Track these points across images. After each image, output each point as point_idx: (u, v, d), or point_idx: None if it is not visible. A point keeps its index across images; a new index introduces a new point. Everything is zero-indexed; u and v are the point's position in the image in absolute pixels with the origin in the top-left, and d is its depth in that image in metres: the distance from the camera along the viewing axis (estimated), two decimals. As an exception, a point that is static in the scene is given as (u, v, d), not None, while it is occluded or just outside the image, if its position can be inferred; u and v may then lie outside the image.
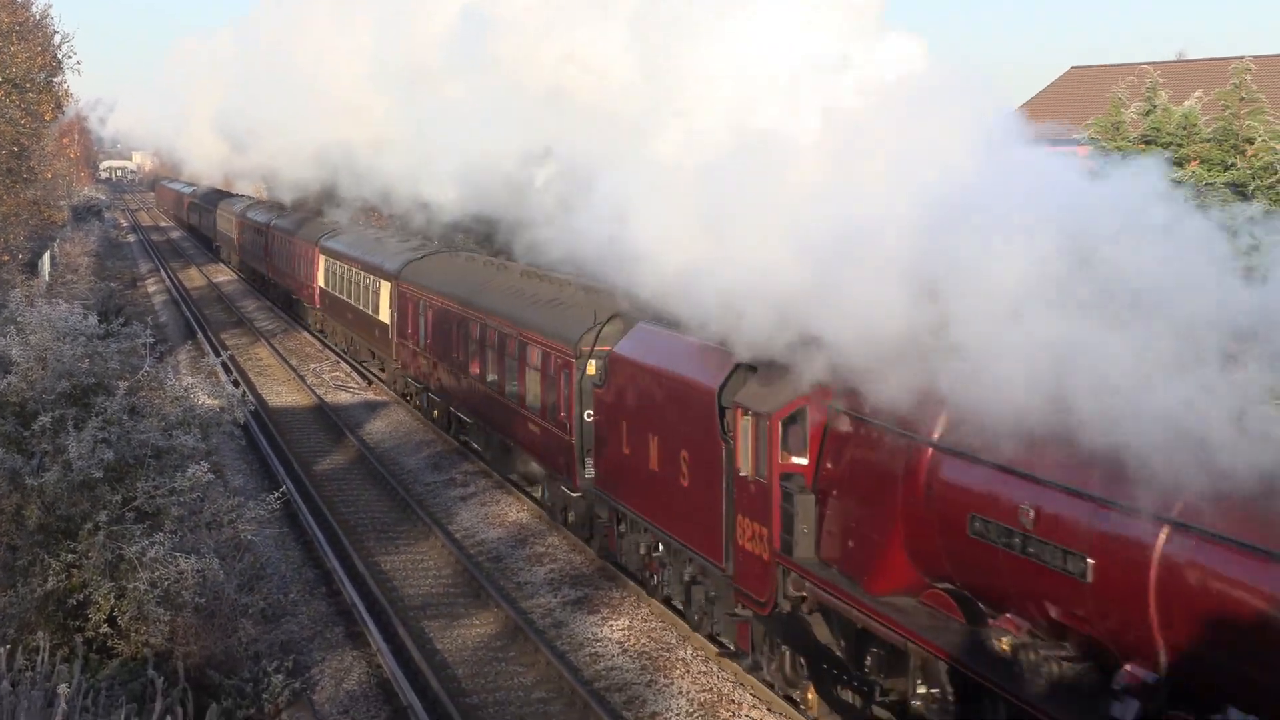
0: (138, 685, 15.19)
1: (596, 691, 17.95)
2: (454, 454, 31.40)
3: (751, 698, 17.66)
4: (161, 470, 17.10)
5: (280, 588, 21.40)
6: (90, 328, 19.00)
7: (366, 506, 27.75)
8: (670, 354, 19.19)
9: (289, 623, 19.72)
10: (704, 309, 16.60)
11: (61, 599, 16.12)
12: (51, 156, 55.52)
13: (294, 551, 24.36)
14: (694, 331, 17.87)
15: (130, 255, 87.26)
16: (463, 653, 19.66)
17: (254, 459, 31.57)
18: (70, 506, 16.55)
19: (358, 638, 20.01)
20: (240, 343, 49.75)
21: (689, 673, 18.54)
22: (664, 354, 19.39)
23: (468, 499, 27.79)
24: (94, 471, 16.28)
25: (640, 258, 17.29)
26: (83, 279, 53.58)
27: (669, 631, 19.98)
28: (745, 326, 15.73)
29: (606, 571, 22.50)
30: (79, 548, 16.24)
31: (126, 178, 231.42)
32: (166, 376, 18.88)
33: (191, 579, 16.06)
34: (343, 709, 17.55)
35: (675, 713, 17.35)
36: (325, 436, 34.46)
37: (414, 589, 22.51)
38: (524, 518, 26.15)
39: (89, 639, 15.96)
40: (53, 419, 16.79)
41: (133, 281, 69.52)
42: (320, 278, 48.29)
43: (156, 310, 57.96)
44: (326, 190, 55.96)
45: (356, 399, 39.21)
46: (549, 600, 21.68)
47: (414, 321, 34.77)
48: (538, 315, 25.89)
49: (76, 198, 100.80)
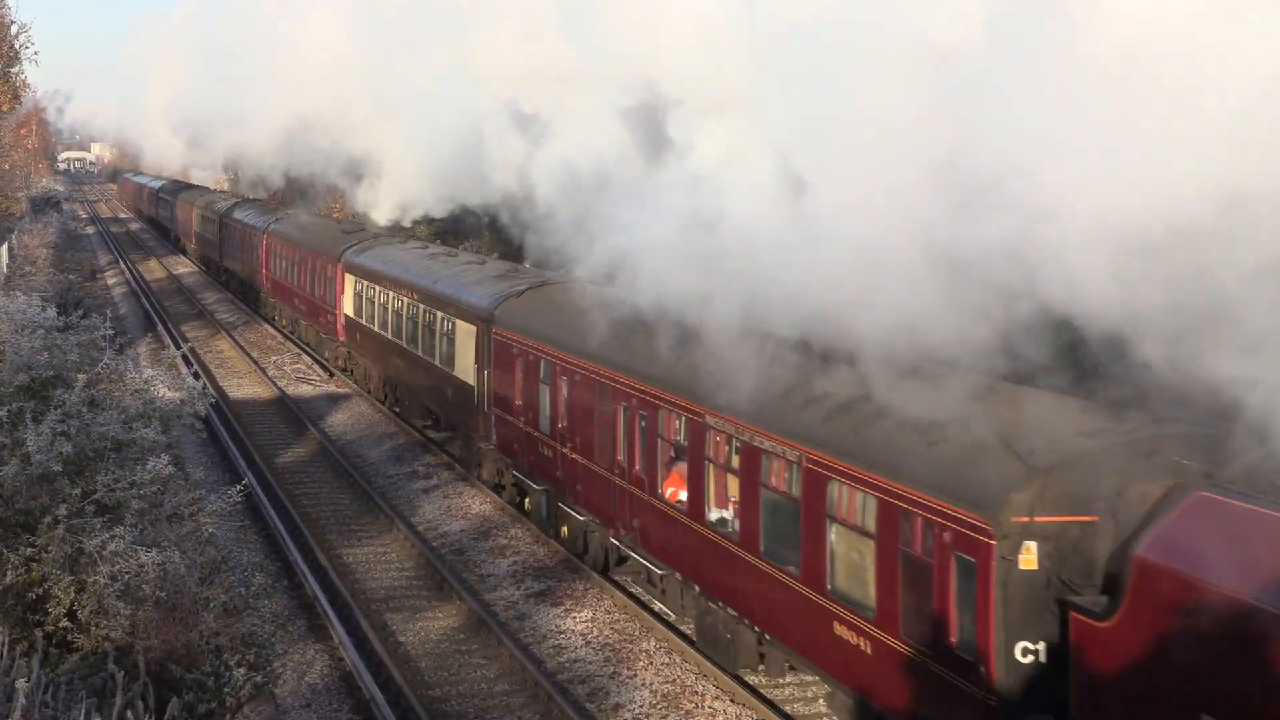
0: (98, 680, 15.09)
1: (560, 683, 17.97)
2: (416, 446, 31.33)
3: (714, 689, 17.72)
4: (122, 463, 16.98)
5: (242, 581, 21.30)
6: (49, 320, 18.89)
7: (329, 499, 27.66)
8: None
9: (251, 616, 19.65)
10: None
11: (20, 593, 15.99)
12: (9, 147, 55.07)
13: (256, 544, 24.26)
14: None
15: (89, 247, 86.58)
16: (425, 645, 19.64)
17: (215, 452, 31.42)
18: (29, 500, 16.42)
19: (320, 631, 19.96)
20: (201, 335, 49.49)
21: (652, 664, 18.59)
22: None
23: (430, 491, 27.74)
24: (53, 465, 16.15)
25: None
26: (41, 271, 53.14)
27: (632, 623, 20.02)
28: None
29: (569, 564, 22.51)
30: (38, 541, 16.12)
31: (85, 169, 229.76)
32: (126, 369, 18.76)
33: (152, 572, 15.95)
34: (305, 702, 17.51)
35: (638, 704, 17.38)
36: (287, 429, 34.32)
37: (376, 582, 22.46)
38: (486, 510, 26.12)
39: (49, 633, 15.85)
40: (10, 412, 16.65)
41: (92, 273, 69.03)
42: (347, 304, 38.94)
43: (116, 302, 57.53)
44: (301, 179, 55.33)
45: (318, 391, 39.05)
46: (512, 592, 21.68)
47: (525, 389, 24.21)
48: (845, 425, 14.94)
49: (34, 189, 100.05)
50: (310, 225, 48.56)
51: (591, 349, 20.90)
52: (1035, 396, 13.61)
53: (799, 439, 15.35)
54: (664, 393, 18.60)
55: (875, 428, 14.37)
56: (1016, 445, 12.51)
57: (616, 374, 20.02)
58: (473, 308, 26.94)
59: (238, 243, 58.29)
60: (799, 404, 15.77)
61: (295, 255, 46.31)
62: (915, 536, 13.19)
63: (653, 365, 19.05)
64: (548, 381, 22.78)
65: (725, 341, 16.70)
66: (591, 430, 20.97)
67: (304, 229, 47.85)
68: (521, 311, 24.84)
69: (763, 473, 16.11)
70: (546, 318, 23.70)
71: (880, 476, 13.79)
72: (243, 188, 76.80)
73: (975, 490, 12.51)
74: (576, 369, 21.45)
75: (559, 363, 22.20)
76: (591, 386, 20.84)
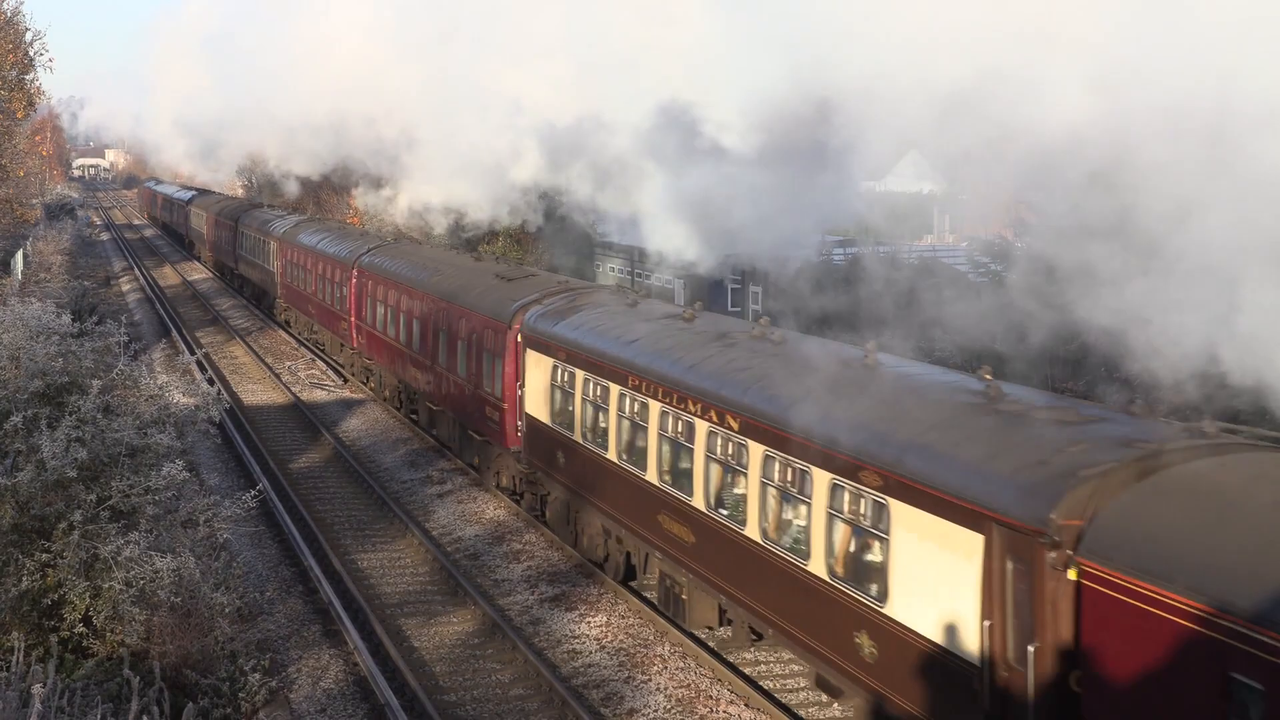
0: (114, 685, 15.13)
1: (574, 689, 17.95)
2: (430, 452, 31.33)
3: (729, 693, 17.69)
4: (136, 469, 17.03)
5: (257, 586, 21.40)
6: (64, 326, 18.95)
7: (343, 504, 27.67)
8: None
9: (266, 621, 19.68)
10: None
11: (36, 599, 16.03)
12: (24, 154, 55.25)
13: (270, 550, 24.28)
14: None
15: (104, 254, 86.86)
16: (440, 650, 19.63)
17: (230, 457, 31.46)
18: (44, 506, 16.47)
19: (335, 636, 19.97)
20: (215, 341, 49.56)
21: (667, 669, 18.56)
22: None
23: (444, 496, 27.74)
24: (68, 470, 16.20)
25: None
26: (56, 277, 53.29)
27: (647, 628, 19.99)
28: None
29: (584, 569, 22.48)
30: (54, 547, 16.17)
31: (100, 176, 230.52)
32: (141, 375, 18.81)
33: (167, 578, 16.00)
34: (320, 707, 17.51)
35: (653, 709, 17.36)
36: (301, 434, 34.35)
37: (391, 587, 22.46)
38: (501, 515, 26.12)
39: (64, 639, 15.89)
40: (25, 418, 16.71)
41: (106, 280, 69.21)
42: (536, 400, 23.73)
43: (130, 308, 57.64)
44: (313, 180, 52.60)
45: (332, 397, 39.08)
46: (526, 597, 21.66)
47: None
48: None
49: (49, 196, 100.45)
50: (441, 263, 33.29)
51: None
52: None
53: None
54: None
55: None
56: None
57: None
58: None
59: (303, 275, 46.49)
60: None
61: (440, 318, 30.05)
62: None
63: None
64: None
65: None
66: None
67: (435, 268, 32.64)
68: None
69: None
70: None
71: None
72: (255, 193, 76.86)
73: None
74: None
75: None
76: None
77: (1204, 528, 10.31)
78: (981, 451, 12.85)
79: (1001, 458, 12.53)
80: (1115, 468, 11.46)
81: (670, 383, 18.65)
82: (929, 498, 12.95)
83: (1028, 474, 12.00)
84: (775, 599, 16.22)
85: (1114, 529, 10.75)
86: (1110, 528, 10.79)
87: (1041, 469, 11.94)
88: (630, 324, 21.34)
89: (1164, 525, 10.57)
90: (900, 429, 13.99)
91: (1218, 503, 10.51)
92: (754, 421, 16.47)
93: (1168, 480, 11.13)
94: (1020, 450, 12.49)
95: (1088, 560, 10.73)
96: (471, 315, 27.41)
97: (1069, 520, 11.15)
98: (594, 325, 22.09)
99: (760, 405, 16.48)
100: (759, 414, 16.41)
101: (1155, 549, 10.33)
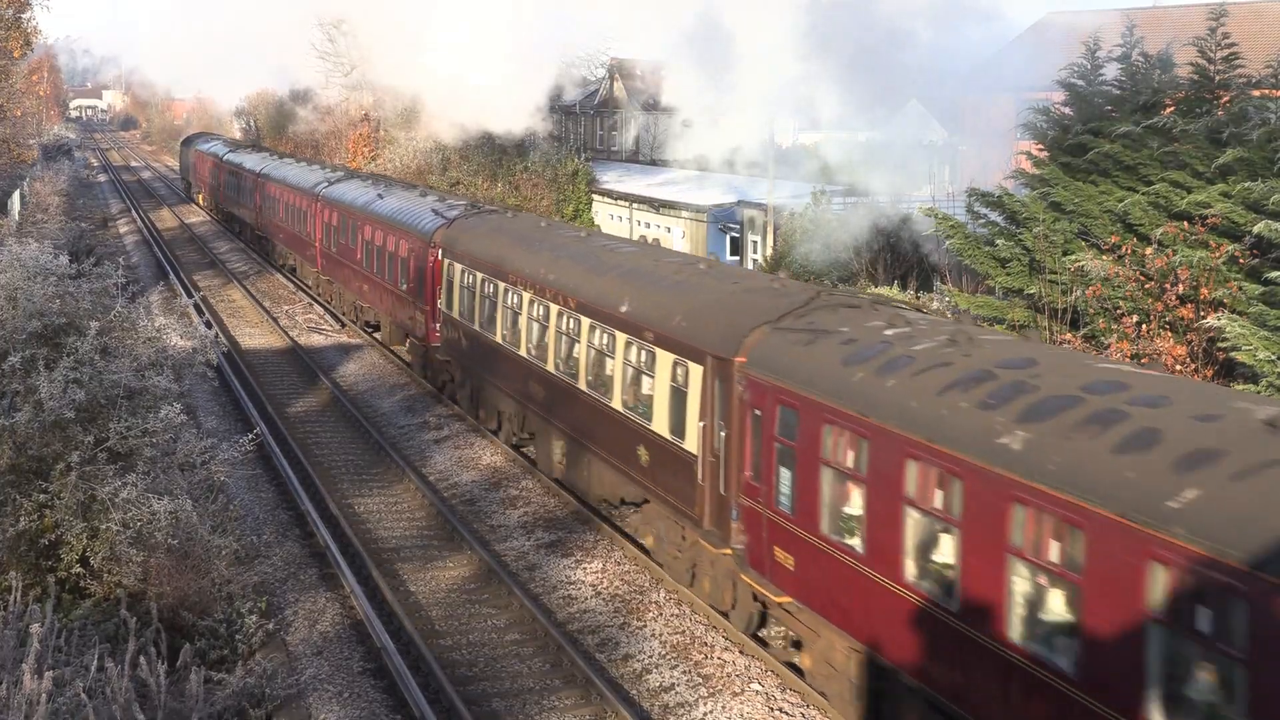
0: (111, 626, 15.19)
1: (569, 634, 18.04)
2: (427, 397, 31.35)
3: (724, 640, 17.78)
4: (134, 411, 17.02)
5: (254, 530, 21.45)
6: (61, 267, 18.88)
7: (340, 449, 27.71)
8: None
9: (262, 564, 19.72)
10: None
11: (34, 539, 16.07)
12: (21, 94, 54.94)
13: (267, 493, 24.33)
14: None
15: (101, 195, 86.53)
16: (436, 595, 19.71)
17: (227, 401, 31.47)
18: (42, 446, 16.47)
19: (331, 580, 20.04)
20: (213, 284, 49.49)
21: (661, 615, 18.65)
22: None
23: (441, 442, 27.78)
24: (65, 412, 16.19)
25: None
26: (53, 218, 53.13)
27: (642, 575, 20.07)
28: None
29: (580, 515, 22.55)
30: (51, 488, 16.18)
31: (97, 117, 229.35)
32: (138, 317, 18.77)
33: (164, 520, 16.02)
34: (316, 650, 17.59)
35: (648, 654, 17.45)
36: (299, 379, 34.35)
37: (387, 531, 22.53)
38: (498, 461, 26.16)
39: (61, 579, 15.94)
40: (23, 359, 16.68)
41: (104, 222, 69.01)
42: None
43: (128, 251, 57.52)
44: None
45: (330, 341, 39.06)
46: (522, 543, 21.74)
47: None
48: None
49: (46, 136, 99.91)
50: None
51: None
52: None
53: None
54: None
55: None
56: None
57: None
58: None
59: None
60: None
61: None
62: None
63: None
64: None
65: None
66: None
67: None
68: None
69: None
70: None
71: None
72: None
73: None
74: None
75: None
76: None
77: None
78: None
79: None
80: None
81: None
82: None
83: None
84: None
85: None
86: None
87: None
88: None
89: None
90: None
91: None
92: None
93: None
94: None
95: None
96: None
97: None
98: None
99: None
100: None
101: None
